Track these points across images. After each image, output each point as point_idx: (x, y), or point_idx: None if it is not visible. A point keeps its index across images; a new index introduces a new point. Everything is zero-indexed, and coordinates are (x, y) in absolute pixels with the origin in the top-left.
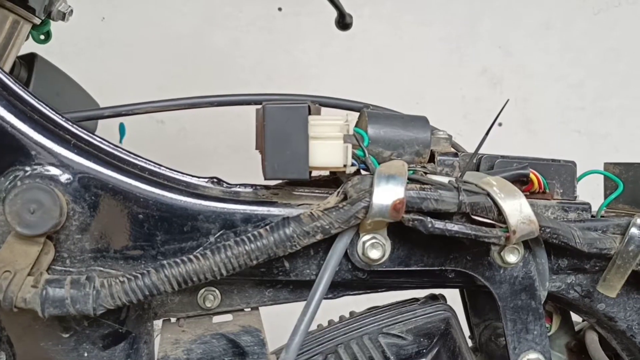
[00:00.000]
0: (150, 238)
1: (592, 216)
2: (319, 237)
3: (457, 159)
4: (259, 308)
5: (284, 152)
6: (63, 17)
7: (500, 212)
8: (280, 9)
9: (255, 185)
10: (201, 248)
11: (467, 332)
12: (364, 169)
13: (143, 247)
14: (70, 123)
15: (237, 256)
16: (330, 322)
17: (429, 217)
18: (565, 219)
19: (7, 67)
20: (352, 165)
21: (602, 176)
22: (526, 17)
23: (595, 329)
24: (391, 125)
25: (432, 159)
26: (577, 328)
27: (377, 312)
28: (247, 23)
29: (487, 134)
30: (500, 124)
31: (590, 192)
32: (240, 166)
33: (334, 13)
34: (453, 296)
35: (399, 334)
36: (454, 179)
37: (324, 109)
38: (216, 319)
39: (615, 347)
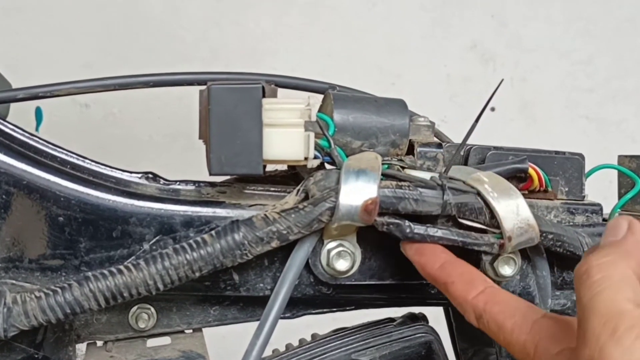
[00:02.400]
0: (73, 245)
1: (604, 220)
2: (274, 244)
3: (441, 150)
4: (203, 329)
5: (233, 142)
6: None
7: (492, 214)
8: None
9: (199, 181)
10: (133, 257)
11: (452, 359)
12: (329, 163)
13: (64, 256)
14: None
15: (176, 267)
16: (288, 347)
17: (407, 221)
18: (571, 223)
19: None
20: (315, 157)
21: (615, 171)
22: None
23: None
24: (362, 110)
25: (411, 150)
26: None
27: (345, 334)
28: None
29: (477, 120)
30: (493, 109)
31: (602, 190)
32: (181, 159)
33: None
34: (436, 315)
35: None
36: (437, 174)
37: (281, 91)
38: (151, 342)
39: None
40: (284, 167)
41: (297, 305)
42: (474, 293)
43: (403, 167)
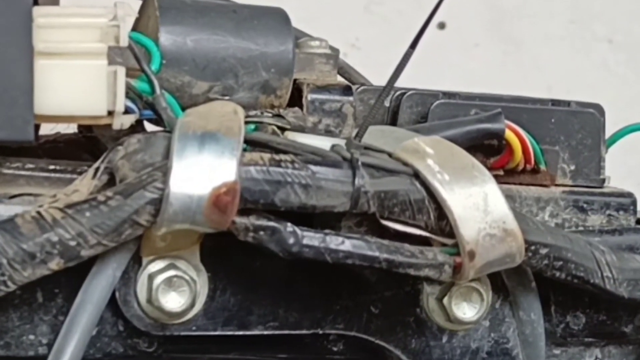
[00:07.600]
0: None
1: (639, 222)
2: (55, 264)
3: (351, 98)
4: None
5: None
6: None
7: (441, 212)
8: None
9: None
10: None
11: None
12: (151, 121)
13: None
14: None
15: None
16: None
17: (289, 224)
18: (580, 227)
19: None
20: (127, 112)
21: None
22: None
23: None
24: (209, 27)
25: (297, 99)
26: None
27: None
28: None
29: (413, 46)
30: (442, 26)
31: (635, 170)
32: None
33: None
34: None
35: None
36: (344, 140)
37: None
38: None
39: None
40: (73, 127)
41: None
42: None
43: (283, 129)
